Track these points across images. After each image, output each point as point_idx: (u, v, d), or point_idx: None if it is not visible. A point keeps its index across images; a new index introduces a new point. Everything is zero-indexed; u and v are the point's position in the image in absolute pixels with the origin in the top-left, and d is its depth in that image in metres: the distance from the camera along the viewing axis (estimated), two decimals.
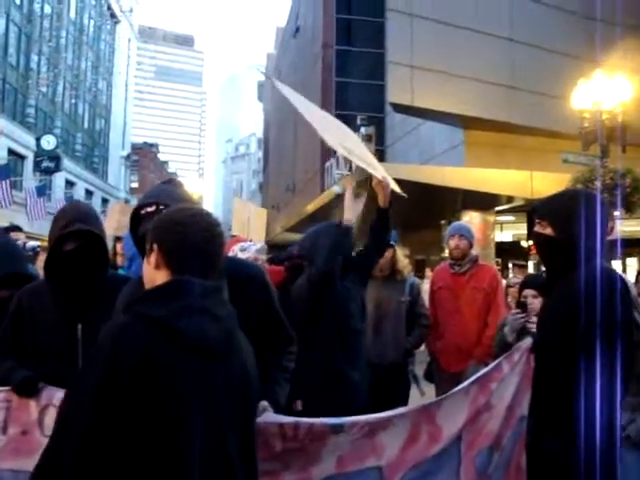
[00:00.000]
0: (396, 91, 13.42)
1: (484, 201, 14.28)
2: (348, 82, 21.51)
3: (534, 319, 3.50)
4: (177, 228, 1.55)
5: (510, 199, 14.37)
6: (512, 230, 19.21)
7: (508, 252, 16.07)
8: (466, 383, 2.41)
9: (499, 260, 12.67)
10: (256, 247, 3.66)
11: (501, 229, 18.48)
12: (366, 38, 22.81)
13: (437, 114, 14.28)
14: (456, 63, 13.60)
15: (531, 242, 18.05)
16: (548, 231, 2.23)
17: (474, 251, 4.78)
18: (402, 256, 4.48)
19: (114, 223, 10.67)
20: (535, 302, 3.64)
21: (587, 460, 1.91)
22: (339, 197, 15.47)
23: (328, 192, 18.40)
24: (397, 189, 3.58)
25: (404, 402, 4.26)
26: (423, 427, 2.25)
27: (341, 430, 2.08)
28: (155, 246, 1.56)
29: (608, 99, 11.74)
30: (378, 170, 3.37)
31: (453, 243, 4.60)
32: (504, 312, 4.18)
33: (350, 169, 15.45)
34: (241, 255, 3.57)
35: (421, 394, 4.55)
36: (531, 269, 13.07)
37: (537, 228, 2.29)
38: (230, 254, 3.66)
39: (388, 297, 4.35)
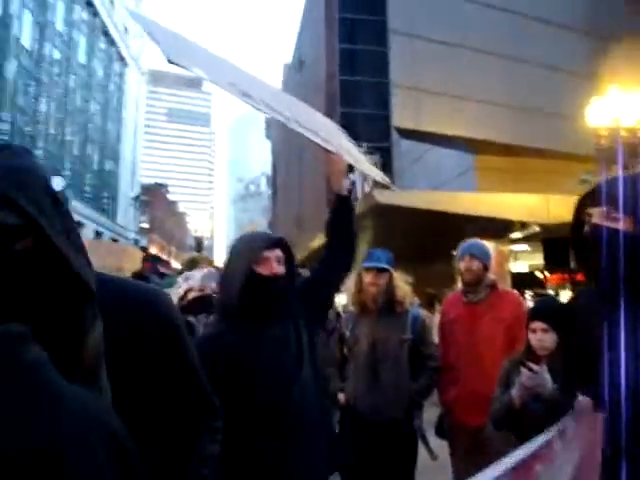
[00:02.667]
0: (400, 115, 12.79)
1: (498, 228, 13.47)
2: (353, 112, 20.98)
3: (546, 377, 2.67)
4: None
5: (525, 225, 13.56)
6: (527, 260, 18.34)
7: (524, 284, 15.20)
8: (502, 467, 1.57)
9: (515, 292, 11.80)
10: (202, 273, 2.85)
11: (515, 259, 17.63)
12: (370, 67, 22.37)
13: (444, 138, 13.60)
14: (462, 85, 12.97)
15: (547, 273, 17.35)
16: (626, 225, 1.40)
17: (493, 277, 3.93)
18: (401, 282, 3.60)
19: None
20: (546, 339, 2.81)
21: None
22: None
23: None
24: (376, 175, 2.81)
25: (409, 468, 3.41)
26: None
27: None
28: None
29: (627, 115, 11.08)
30: (359, 162, 2.60)
31: (463, 265, 3.74)
32: None
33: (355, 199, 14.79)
34: (184, 285, 2.80)
35: (432, 458, 3.60)
36: None
37: (600, 220, 1.46)
38: (174, 288, 2.91)
39: (385, 335, 3.47)
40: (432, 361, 3.64)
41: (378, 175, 2.82)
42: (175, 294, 2.94)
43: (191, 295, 2.78)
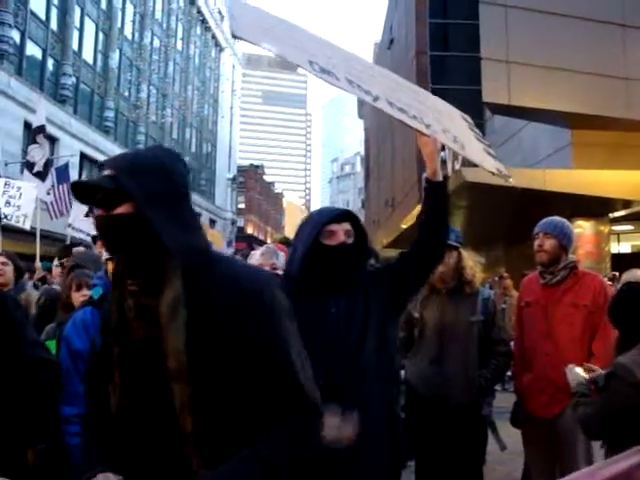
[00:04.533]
0: (491, 90, 12.20)
1: (596, 207, 12.72)
2: (445, 88, 20.36)
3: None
4: None
5: (627, 204, 12.70)
6: (631, 241, 17.25)
7: (627, 266, 14.30)
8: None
9: (616, 274, 11.09)
10: (261, 251, 2.84)
11: (618, 240, 16.61)
12: (462, 42, 21.62)
13: (539, 113, 12.88)
14: (558, 55, 12.18)
15: None
16: None
17: (579, 260, 3.61)
18: (471, 262, 3.42)
19: None
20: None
21: None
22: None
23: (419, 207, 17.37)
24: (489, 166, 2.64)
25: (478, 458, 3.28)
26: None
27: None
28: None
29: None
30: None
31: (536, 244, 3.48)
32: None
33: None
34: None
35: (501, 448, 3.39)
36: None
37: None
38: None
39: (454, 317, 3.32)
40: (502, 346, 3.46)
41: (492, 166, 2.65)
42: None
43: None
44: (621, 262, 14.87)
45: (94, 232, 6.58)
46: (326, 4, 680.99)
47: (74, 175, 24.85)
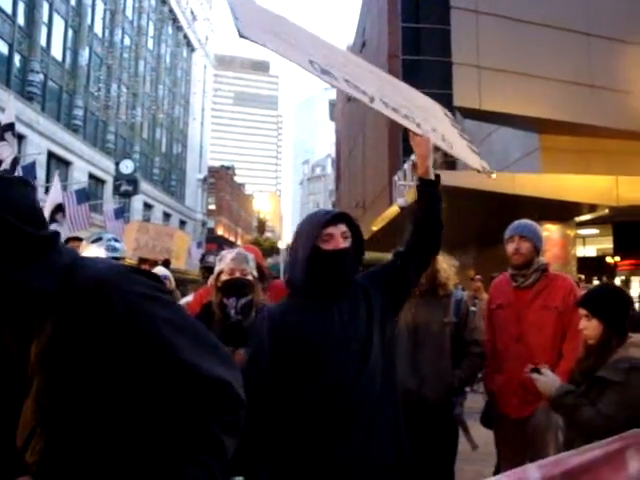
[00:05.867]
0: (462, 94, 12.33)
1: (563, 211, 12.94)
2: None
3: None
4: None
5: (593, 208, 12.96)
6: (596, 244, 17.62)
7: (592, 269, 14.61)
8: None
9: (582, 277, 11.35)
10: (232, 255, 2.82)
11: (584, 243, 16.96)
12: (434, 46, 21.84)
13: (509, 118, 13.08)
14: (527, 62, 12.39)
15: (618, 258, 16.60)
16: None
17: (549, 262, 3.68)
18: (445, 264, 3.47)
19: (132, 243, 10.26)
20: (587, 326, 2.63)
21: None
22: (404, 211, 14.55)
23: (391, 209, 17.45)
24: (474, 163, 2.68)
25: (449, 456, 3.32)
26: None
27: None
28: None
29: None
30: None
31: (512, 247, 3.54)
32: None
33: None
34: (218, 266, 2.80)
35: (472, 448, 3.48)
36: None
37: None
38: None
39: (427, 318, 3.37)
40: (476, 347, 3.51)
41: (477, 163, 2.74)
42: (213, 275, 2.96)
43: (222, 278, 2.77)
44: (586, 265, 15.22)
45: None
46: (298, 5, 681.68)
47: (42, 174, 24.41)
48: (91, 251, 3.52)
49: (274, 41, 2.04)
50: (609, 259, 16.75)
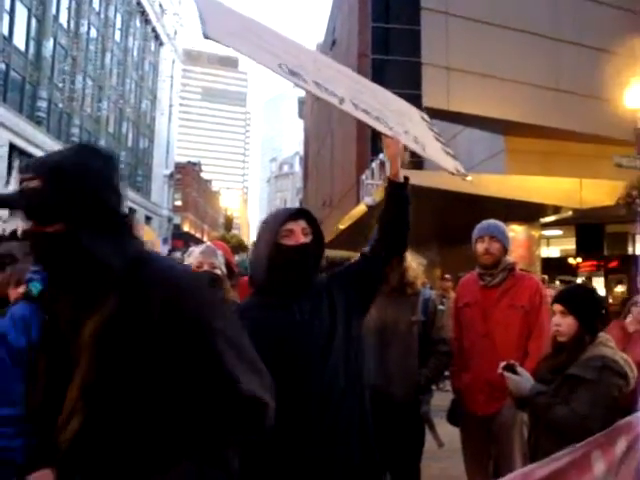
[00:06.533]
0: (431, 94, 12.45)
1: (528, 212, 13.15)
2: None
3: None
4: None
5: (557, 209, 13.20)
6: (559, 245, 17.97)
7: (555, 269, 14.89)
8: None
9: (545, 277, 11.55)
10: (200, 249, 2.79)
11: (547, 244, 17.27)
12: (404, 47, 21.97)
13: (475, 119, 13.26)
14: (494, 64, 12.59)
15: (580, 259, 16.97)
16: None
17: (516, 262, 3.74)
18: (414, 263, 3.48)
19: None
20: (561, 322, 2.68)
21: None
22: (372, 210, 14.59)
23: (358, 208, 17.51)
24: (449, 166, 2.71)
25: (416, 454, 3.34)
26: None
27: None
28: None
29: None
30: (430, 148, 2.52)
31: (482, 247, 3.58)
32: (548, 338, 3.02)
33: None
34: (186, 261, 2.77)
35: (439, 445, 3.51)
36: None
37: None
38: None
39: (395, 317, 3.37)
40: (443, 345, 3.54)
41: (451, 165, 2.76)
42: None
43: None
44: (550, 265, 15.49)
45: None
46: (268, 2, 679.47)
47: (2, 166, 23.85)
48: None
49: (240, 43, 2.02)
50: (571, 260, 17.10)
